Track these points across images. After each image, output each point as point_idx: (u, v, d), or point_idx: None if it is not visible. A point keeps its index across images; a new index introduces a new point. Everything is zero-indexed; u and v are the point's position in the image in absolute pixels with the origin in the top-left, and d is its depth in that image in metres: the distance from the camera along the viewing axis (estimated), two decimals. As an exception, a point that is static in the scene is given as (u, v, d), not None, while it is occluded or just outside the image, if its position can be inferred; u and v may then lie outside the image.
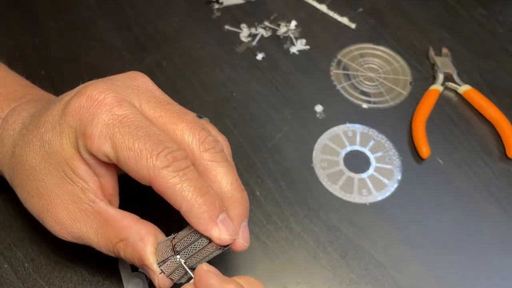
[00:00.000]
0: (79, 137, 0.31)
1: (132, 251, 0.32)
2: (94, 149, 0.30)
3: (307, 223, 0.43)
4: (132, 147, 0.29)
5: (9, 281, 0.39)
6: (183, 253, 0.31)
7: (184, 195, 0.29)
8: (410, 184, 0.46)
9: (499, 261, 0.42)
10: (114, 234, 0.32)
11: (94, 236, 0.33)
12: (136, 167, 0.29)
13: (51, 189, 0.33)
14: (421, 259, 0.42)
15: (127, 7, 0.56)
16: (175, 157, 0.30)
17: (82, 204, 0.32)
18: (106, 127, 0.30)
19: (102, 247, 0.33)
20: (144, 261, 0.32)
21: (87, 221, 0.33)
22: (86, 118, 0.31)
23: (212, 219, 0.30)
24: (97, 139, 0.30)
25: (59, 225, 0.33)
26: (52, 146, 0.32)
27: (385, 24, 0.57)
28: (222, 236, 0.30)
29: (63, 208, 0.33)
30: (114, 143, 0.30)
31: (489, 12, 0.59)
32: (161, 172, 0.29)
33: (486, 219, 0.44)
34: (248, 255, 0.41)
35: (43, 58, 0.51)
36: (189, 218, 0.30)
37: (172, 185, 0.29)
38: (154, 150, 0.29)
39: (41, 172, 0.33)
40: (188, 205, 0.30)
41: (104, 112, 0.30)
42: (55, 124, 0.32)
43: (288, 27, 0.56)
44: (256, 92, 0.51)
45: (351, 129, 0.49)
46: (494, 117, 0.49)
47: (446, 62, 0.53)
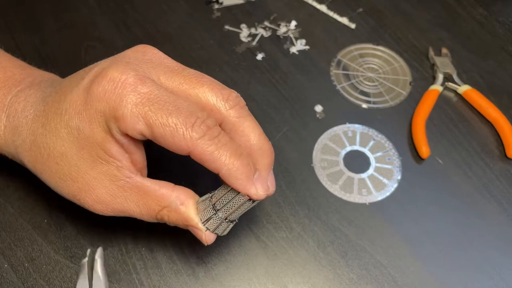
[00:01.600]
0: (110, 120, 0.32)
1: (177, 215, 0.34)
2: (130, 129, 0.31)
3: (307, 223, 0.43)
4: (167, 123, 0.31)
5: (9, 281, 0.39)
6: (223, 210, 0.34)
7: (222, 160, 0.32)
8: (410, 184, 0.46)
9: (499, 261, 0.42)
10: (156, 203, 0.34)
11: (136, 207, 0.35)
12: (173, 141, 0.31)
13: (86, 171, 0.34)
14: (421, 259, 0.42)
15: (127, 7, 0.57)
16: (208, 126, 0.31)
17: (119, 181, 0.34)
18: (136, 106, 0.31)
19: (145, 216, 0.35)
20: (189, 222, 0.34)
21: (127, 196, 0.34)
22: (113, 101, 0.31)
23: (249, 178, 0.33)
24: (130, 120, 0.31)
25: (100, 203, 0.34)
26: (82, 132, 0.33)
27: (385, 24, 0.57)
28: (258, 192, 0.33)
29: (101, 188, 0.34)
30: (148, 121, 0.31)
31: (489, 12, 0.59)
32: (198, 142, 0.31)
33: (486, 219, 0.44)
34: (248, 255, 0.41)
35: (43, 58, 0.51)
36: (229, 180, 0.32)
37: (210, 153, 0.31)
38: (188, 122, 0.31)
39: (73, 158, 0.34)
40: (227, 169, 0.32)
41: (130, 92, 0.31)
42: (80, 110, 0.33)
43: (288, 27, 0.56)
44: (256, 92, 0.51)
45: (351, 129, 0.49)
46: (494, 117, 0.49)
47: (446, 62, 0.53)
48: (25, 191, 0.43)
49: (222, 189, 0.34)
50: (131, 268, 0.40)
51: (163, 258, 0.40)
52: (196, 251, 0.41)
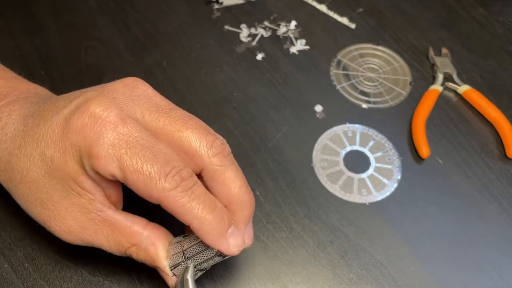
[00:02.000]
0: (84, 157, 0.31)
1: (145, 254, 0.34)
2: (101, 169, 0.30)
3: (307, 223, 0.43)
4: (140, 170, 0.30)
5: (9, 281, 0.39)
6: (193, 259, 0.33)
7: (194, 213, 0.31)
8: (409, 184, 0.46)
9: (499, 261, 0.42)
10: (126, 240, 0.33)
11: (105, 241, 0.34)
12: (145, 188, 0.30)
13: (57, 201, 0.33)
14: (421, 259, 0.42)
15: (127, 7, 0.56)
16: (182, 177, 0.30)
17: (90, 214, 0.33)
18: (112, 147, 0.30)
19: (113, 251, 0.34)
20: (157, 264, 0.34)
21: (97, 229, 0.33)
22: (90, 138, 0.30)
23: (222, 234, 0.31)
24: (104, 160, 0.30)
25: (68, 234, 0.34)
26: (55, 163, 0.32)
27: (385, 24, 0.57)
28: (230, 249, 0.32)
29: (71, 219, 0.33)
30: (122, 164, 0.30)
31: (489, 12, 0.59)
32: (170, 193, 0.30)
33: (486, 219, 0.44)
34: (248, 255, 0.41)
35: (43, 58, 0.51)
36: (200, 234, 0.31)
37: (181, 205, 0.30)
38: (163, 172, 0.30)
39: (45, 186, 0.33)
40: (199, 223, 0.31)
41: (109, 131, 0.30)
42: (56, 140, 0.32)
43: (288, 27, 0.56)
44: (256, 92, 0.51)
45: (351, 129, 0.49)
46: (494, 117, 0.49)
47: (446, 62, 0.53)
48: (25, 191, 0.43)
49: (195, 237, 0.33)
50: (131, 268, 0.40)
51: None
52: (196, 251, 0.41)
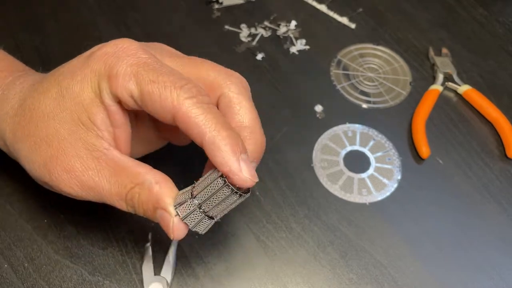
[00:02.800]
0: (103, 80, 0.31)
1: (148, 194, 0.31)
2: (119, 89, 0.30)
3: (307, 223, 0.43)
4: (156, 80, 0.29)
5: (9, 281, 0.39)
6: (200, 196, 0.30)
7: (208, 125, 0.29)
8: (410, 184, 0.46)
9: (499, 261, 0.42)
10: (129, 180, 0.31)
11: (106, 183, 0.32)
12: (159, 99, 0.29)
13: (63, 136, 0.32)
14: (421, 259, 0.42)
15: (127, 7, 0.56)
16: (199, 91, 0.30)
17: (96, 151, 0.32)
18: (131, 66, 0.30)
19: (113, 196, 0.32)
20: (160, 203, 0.31)
21: (100, 169, 0.32)
22: (111, 61, 0.31)
23: (235, 152, 0.29)
24: (122, 78, 0.30)
25: (68, 172, 0.32)
26: (70, 91, 0.32)
27: (385, 24, 0.57)
28: (242, 173, 0.29)
29: (75, 155, 0.32)
30: (139, 79, 0.30)
31: (489, 12, 0.59)
32: (185, 102, 0.29)
33: (486, 219, 0.44)
34: (248, 255, 0.41)
35: (43, 58, 0.51)
36: (212, 149, 0.29)
37: (196, 115, 0.29)
38: (178, 82, 0.29)
39: (54, 119, 0.32)
40: (211, 136, 0.29)
41: (129, 55, 0.31)
42: (75, 70, 0.32)
43: (288, 27, 0.56)
44: (256, 92, 0.51)
45: (351, 129, 0.49)
46: (494, 117, 0.49)
47: (446, 62, 0.53)
48: (25, 191, 0.43)
49: (207, 177, 0.30)
50: (131, 268, 0.40)
51: (163, 258, 0.40)
52: (196, 251, 0.41)
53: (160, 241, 0.41)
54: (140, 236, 0.41)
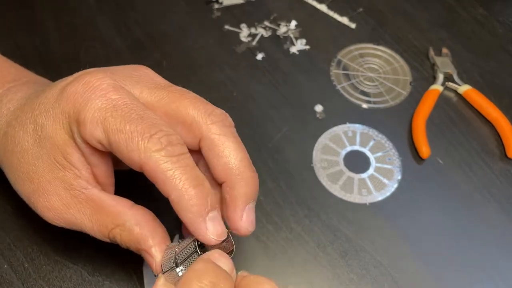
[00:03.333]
0: (73, 124, 0.30)
1: (129, 235, 0.31)
2: (88, 135, 0.29)
3: (307, 223, 0.43)
4: (123, 129, 0.28)
5: (9, 281, 0.39)
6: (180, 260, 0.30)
7: (175, 183, 0.28)
8: (410, 184, 0.46)
9: (499, 261, 0.42)
10: (110, 220, 0.31)
11: (88, 222, 0.32)
12: (126, 150, 0.28)
13: (42, 174, 0.32)
14: (421, 259, 0.42)
15: (127, 7, 0.56)
16: (170, 141, 0.28)
17: (74, 190, 0.32)
18: (99, 111, 0.29)
19: (96, 233, 0.32)
20: (141, 245, 0.31)
21: (80, 207, 0.32)
22: (79, 104, 0.30)
23: (201, 213, 0.28)
24: (90, 124, 0.29)
25: (51, 210, 0.32)
26: (45, 131, 0.31)
27: (385, 24, 0.57)
28: (207, 234, 0.29)
29: (55, 194, 0.32)
30: (106, 126, 0.29)
31: (489, 12, 0.59)
32: (152, 155, 0.28)
33: (486, 219, 0.44)
34: (248, 255, 0.41)
35: (43, 58, 0.51)
36: (178, 209, 0.29)
37: (163, 171, 0.28)
38: (146, 132, 0.28)
39: (33, 156, 0.32)
40: (178, 195, 0.28)
41: (98, 97, 0.29)
42: (49, 108, 0.31)
43: (288, 27, 0.56)
44: (256, 92, 0.51)
45: (351, 129, 0.49)
46: (494, 117, 0.49)
47: (446, 62, 0.53)
48: (25, 191, 0.43)
49: (187, 239, 0.31)
50: (131, 268, 0.40)
51: (163, 258, 0.40)
52: (196, 251, 0.41)
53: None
54: (140, 236, 0.41)
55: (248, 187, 0.31)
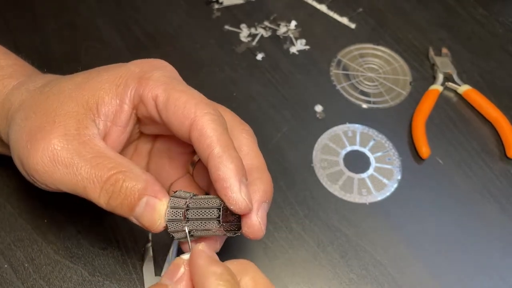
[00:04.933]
0: (133, 80, 0.32)
1: (135, 180, 0.30)
2: (147, 90, 0.32)
3: (307, 223, 0.43)
4: (185, 91, 0.32)
5: (9, 281, 0.39)
6: (191, 217, 0.30)
7: (221, 141, 0.30)
8: (410, 184, 0.46)
9: (499, 261, 0.42)
10: (113, 166, 0.30)
11: (86, 164, 0.30)
12: (184, 106, 0.31)
13: (62, 111, 0.32)
14: (421, 259, 0.42)
15: (127, 7, 0.56)
16: (220, 114, 0.32)
17: (84, 134, 0.31)
18: (164, 76, 0.33)
19: (91, 178, 0.30)
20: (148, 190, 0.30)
21: (81, 151, 0.31)
22: (147, 68, 0.33)
23: (238, 173, 0.30)
24: (153, 82, 0.32)
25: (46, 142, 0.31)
26: (96, 78, 0.33)
27: (385, 24, 0.57)
28: (240, 192, 0.29)
29: (62, 130, 0.31)
30: (168, 86, 0.32)
31: (489, 12, 0.59)
32: (206, 115, 0.30)
33: (486, 219, 0.44)
34: (248, 255, 0.41)
35: (43, 58, 0.51)
36: (216, 163, 0.30)
37: (213, 129, 0.30)
38: (204, 99, 0.32)
39: (65, 95, 0.33)
40: (220, 151, 0.30)
41: (165, 69, 0.34)
42: (111, 68, 0.34)
43: (288, 27, 0.56)
44: (256, 92, 0.51)
45: (351, 129, 0.49)
46: (494, 117, 0.49)
47: (446, 62, 0.53)
48: (25, 191, 0.43)
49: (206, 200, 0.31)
50: (131, 268, 0.40)
51: (163, 258, 0.40)
52: (196, 251, 0.41)
53: (161, 241, 0.41)
54: (140, 236, 0.41)
55: (267, 185, 0.32)
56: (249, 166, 0.32)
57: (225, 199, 0.30)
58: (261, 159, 0.34)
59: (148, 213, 0.30)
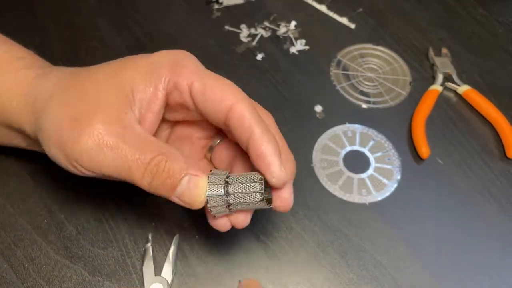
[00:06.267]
0: (166, 68, 0.34)
1: (177, 161, 0.32)
2: (182, 78, 0.33)
3: (307, 223, 0.43)
4: (220, 80, 0.34)
5: (9, 281, 0.39)
6: (231, 191, 0.33)
7: (259, 124, 0.33)
8: (409, 184, 0.46)
9: (499, 261, 0.42)
10: (155, 148, 0.32)
11: (130, 147, 0.32)
12: (221, 93, 0.33)
13: (101, 97, 0.33)
14: (420, 259, 0.42)
15: (127, 7, 0.57)
16: (252, 101, 0.34)
17: (125, 120, 0.33)
18: (197, 66, 0.35)
19: (135, 159, 0.32)
20: (189, 169, 0.32)
21: (125, 134, 0.32)
22: (179, 57, 0.35)
23: (276, 150, 0.33)
24: (190, 69, 0.34)
25: (92, 129, 0.32)
26: (128, 66, 0.34)
27: (385, 24, 0.57)
28: (281, 169, 0.32)
29: (106, 115, 0.32)
30: (204, 75, 0.34)
31: (489, 12, 0.59)
32: (243, 101, 0.33)
33: (486, 219, 0.44)
34: (248, 255, 0.41)
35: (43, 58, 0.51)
36: (258, 144, 0.32)
37: (251, 113, 0.33)
38: (236, 87, 0.34)
39: (100, 81, 0.34)
40: (260, 132, 0.32)
41: (195, 60, 0.35)
42: (139, 58, 0.35)
43: (288, 27, 0.56)
44: (256, 92, 0.51)
45: (351, 129, 0.49)
46: (493, 117, 0.49)
47: (446, 62, 0.53)
48: (25, 191, 0.43)
49: (246, 176, 0.33)
50: (131, 268, 0.40)
51: (163, 258, 0.40)
52: (196, 251, 0.41)
53: (161, 241, 0.41)
54: (140, 236, 0.41)
55: (292, 164, 0.35)
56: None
57: (268, 173, 0.32)
58: (284, 141, 0.36)
59: (191, 190, 0.32)
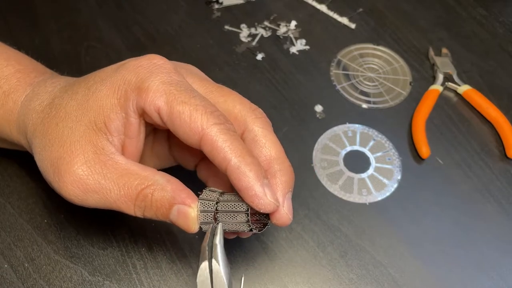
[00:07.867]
0: (132, 91, 0.32)
1: (162, 192, 0.31)
2: (147, 103, 0.31)
3: (307, 223, 0.43)
4: (188, 102, 0.31)
5: (9, 281, 0.39)
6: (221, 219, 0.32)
7: (234, 151, 0.30)
8: (410, 184, 0.46)
9: (499, 261, 0.42)
10: (138, 182, 0.32)
11: (114, 186, 0.32)
12: (189, 120, 0.30)
13: (76, 138, 0.32)
14: (421, 259, 0.42)
15: (127, 7, 0.57)
16: (226, 119, 0.31)
17: (103, 155, 0.32)
18: (163, 84, 0.31)
19: (121, 197, 0.32)
20: (177, 199, 0.31)
21: (107, 173, 0.32)
22: (143, 74, 0.32)
23: (259, 178, 0.30)
24: (153, 93, 0.31)
25: (73, 177, 0.32)
26: (96, 95, 0.33)
27: (385, 24, 0.57)
28: (266, 196, 0.30)
29: (82, 157, 0.32)
30: (170, 98, 0.31)
31: (489, 12, 0.59)
32: (213, 127, 0.30)
33: (486, 219, 0.44)
34: (248, 255, 0.41)
35: (43, 58, 0.51)
36: (236, 174, 0.30)
37: (223, 141, 0.30)
38: (208, 108, 0.31)
39: (72, 119, 0.33)
40: (237, 162, 0.30)
41: (162, 73, 0.32)
42: (106, 77, 0.33)
43: (288, 27, 0.56)
44: (256, 92, 0.51)
45: (351, 129, 0.49)
46: (494, 117, 0.49)
47: (446, 62, 0.53)
48: (25, 191, 0.43)
49: (233, 204, 0.32)
50: (131, 268, 0.40)
51: (163, 258, 0.40)
52: (196, 251, 0.41)
53: (160, 241, 0.41)
54: (140, 236, 0.41)
55: (288, 175, 0.33)
56: (268, 158, 0.33)
57: (253, 205, 0.31)
58: (279, 147, 0.34)
59: (181, 219, 0.32)
